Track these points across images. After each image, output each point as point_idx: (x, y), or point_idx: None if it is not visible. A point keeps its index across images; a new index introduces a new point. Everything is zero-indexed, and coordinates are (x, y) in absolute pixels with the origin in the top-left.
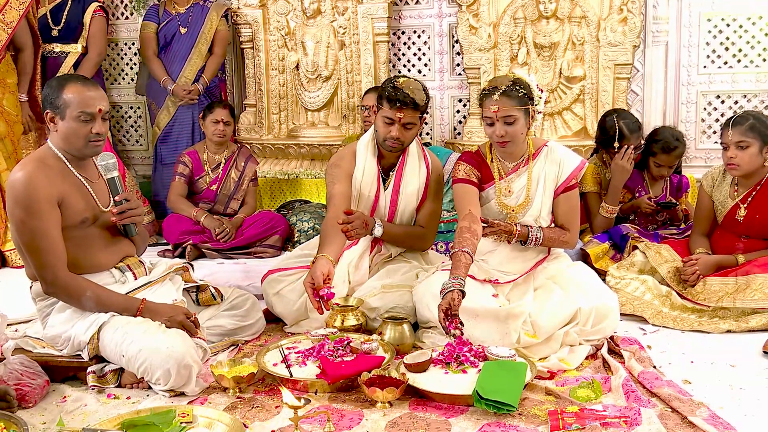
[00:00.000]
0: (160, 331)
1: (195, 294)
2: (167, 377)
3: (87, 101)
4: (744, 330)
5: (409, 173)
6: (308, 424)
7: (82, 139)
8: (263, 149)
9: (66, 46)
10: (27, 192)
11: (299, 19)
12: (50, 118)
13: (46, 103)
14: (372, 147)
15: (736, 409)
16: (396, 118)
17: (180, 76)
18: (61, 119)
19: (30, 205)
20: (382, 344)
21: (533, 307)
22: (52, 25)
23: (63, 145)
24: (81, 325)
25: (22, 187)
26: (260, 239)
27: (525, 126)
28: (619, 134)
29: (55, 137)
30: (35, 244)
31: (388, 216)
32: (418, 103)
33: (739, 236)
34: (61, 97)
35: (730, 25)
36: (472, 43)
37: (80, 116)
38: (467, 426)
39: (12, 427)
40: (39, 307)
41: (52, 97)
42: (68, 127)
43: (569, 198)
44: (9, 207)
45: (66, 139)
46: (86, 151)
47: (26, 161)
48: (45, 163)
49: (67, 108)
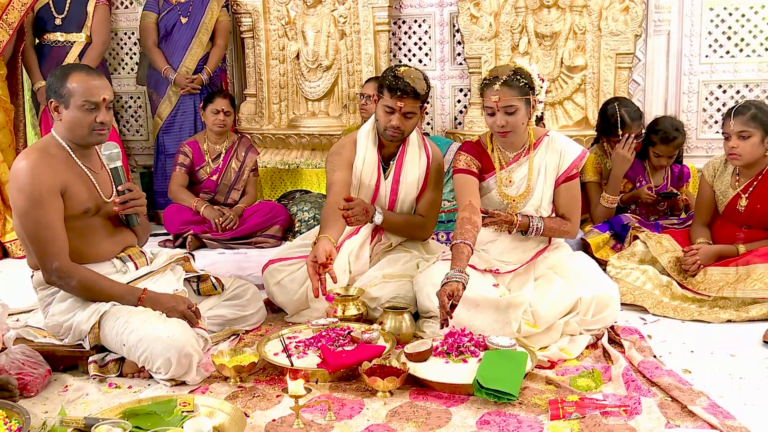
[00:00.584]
0: (160, 320)
1: (196, 284)
2: (168, 366)
3: (91, 90)
4: (744, 320)
5: (410, 162)
6: (309, 413)
7: (86, 128)
8: (263, 139)
9: (70, 36)
10: (30, 181)
11: (299, 8)
12: (54, 107)
13: (50, 92)
14: (373, 136)
15: (736, 398)
16: (396, 107)
17: (180, 65)
18: (66, 108)
19: (33, 194)
20: (382, 334)
21: (534, 297)
22: (55, 14)
23: (67, 134)
24: (82, 315)
25: (26, 176)
26: (261, 229)
27: (526, 116)
28: (620, 122)
29: (59, 126)
30: (38, 233)
31: (389, 205)
32: (418, 92)
33: (740, 226)
34: (66, 86)
35: (732, 14)
36: (473, 33)
37: (84, 105)
38: (468, 415)
39: (14, 417)
40: (40, 297)
41: (57, 86)
42: (72, 116)
43: (570, 188)
44: (12, 196)
45: (70, 128)
46: (90, 140)
47: (29, 150)
48: (48, 152)
49: (71, 97)
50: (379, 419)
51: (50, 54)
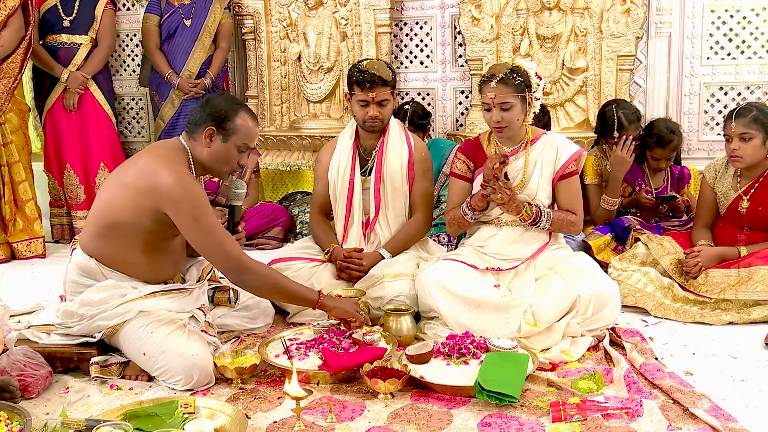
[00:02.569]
0: (184, 335)
1: (212, 292)
2: (188, 381)
3: (253, 136)
4: (746, 322)
5: (391, 151)
6: (310, 414)
7: (230, 165)
8: (265, 141)
9: (76, 38)
10: (188, 193)
11: (301, 10)
12: (209, 135)
13: (213, 117)
14: (350, 133)
15: (737, 400)
16: (369, 98)
17: (183, 69)
18: (223, 142)
19: (195, 204)
20: (384, 336)
21: (534, 298)
22: (63, 15)
23: (206, 162)
24: (107, 314)
25: (182, 189)
26: (262, 231)
27: (522, 113)
28: (618, 124)
29: (200, 150)
30: (211, 239)
31: (375, 194)
32: (385, 79)
33: (741, 228)
34: (233, 122)
35: (734, 16)
36: (475, 35)
37: (241, 147)
38: (469, 417)
39: (15, 418)
40: (74, 280)
41: (222, 116)
42: (226, 152)
43: (570, 184)
44: (173, 213)
45: (215, 159)
46: (223, 175)
47: (171, 164)
48: (188, 170)
49: (233, 134)
50: (380, 421)
51: (57, 55)
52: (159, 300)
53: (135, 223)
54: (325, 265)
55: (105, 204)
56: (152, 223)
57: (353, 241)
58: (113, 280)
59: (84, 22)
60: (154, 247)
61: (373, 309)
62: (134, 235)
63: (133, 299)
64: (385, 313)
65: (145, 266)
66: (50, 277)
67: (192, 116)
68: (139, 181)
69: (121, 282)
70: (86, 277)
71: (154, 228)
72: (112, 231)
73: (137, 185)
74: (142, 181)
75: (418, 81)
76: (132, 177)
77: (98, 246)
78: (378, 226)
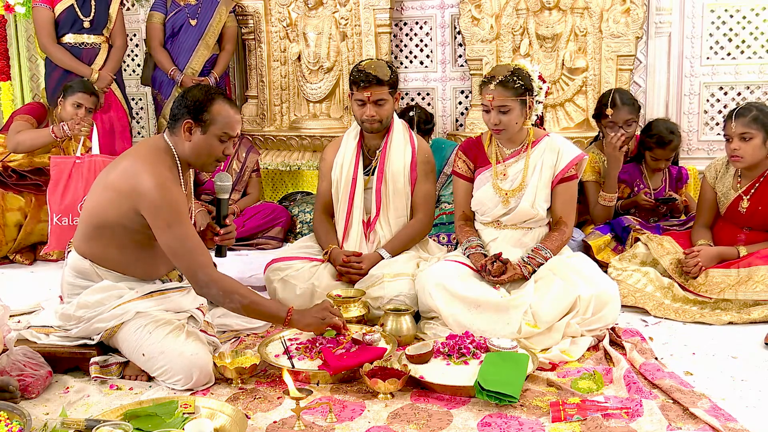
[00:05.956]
0: (182, 335)
1: None
2: (188, 381)
3: (233, 124)
4: (746, 321)
5: (395, 152)
6: (310, 414)
7: (213, 157)
8: (265, 141)
9: (96, 37)
10: (167, 200)
11: (301, 10)
12: (188, 128)
13: (185, 110)
14: (355, 134)
15: (737, 400)
16: (365, 97)
17: (187, 67)
18: (202, 133)
19: (172, 211)
20: (384, 335)
21: (534, 298)
22: (81, 15)
23: (188, 156)
24: (104, 316)
25: (161, 195)
26: (262, 231)
27: (521, 116)
28: (611, 102)
29: (182, 145)
30: (181, 247)
31: (376, 194)
32: (381, 78)
33: (741, 228)
34: (209, 112)
35: (734, 16)
36: (474, 35)
37: (222, 137)
38: (469, 417)
39: (15, 418)
40: (71, 282)
41: (198, 108)
42: (206, 143)
43: (567, 188)
44: (150, 217)
45: (197, 152)
46: (209, 168)
47: (152, 167)
48: (171, 171)
49: (212, 125)
50: (380, 421)
51: (81, 55)
52: (156, 300)
53: (121, 224)
54: (325, 264)
55: (92, 205)
56: (136, 224)
57: (353, 240)
58: (109, 280)
59: (100, 22)
60: (145, 245)
61: (373, 309)
62: (123, 234)
63: (130, 300)
64: (384, 313)
65: (139, 264)
66: (50, 277)
67: (171, 111)
68: (120, 182)
69: (116, 282)
70: (82, 278)
71: (139, 228)
72: (101, 232)
73: (118, 187)
74: (124, 183)
75: (418, 81)
76: (114, 178)
77: (91, 247)
78: (378, 225)
